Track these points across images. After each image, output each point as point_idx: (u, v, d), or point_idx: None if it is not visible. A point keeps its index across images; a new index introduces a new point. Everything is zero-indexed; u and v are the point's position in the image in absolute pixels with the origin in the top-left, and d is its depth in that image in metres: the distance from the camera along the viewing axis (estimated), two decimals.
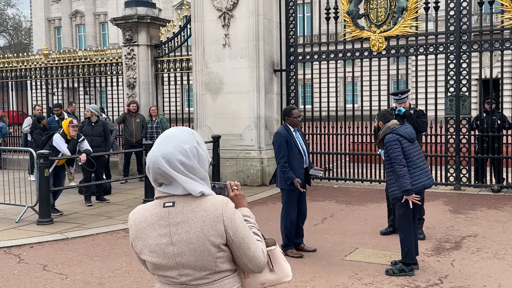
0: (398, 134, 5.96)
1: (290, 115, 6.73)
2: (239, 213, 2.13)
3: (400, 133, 5.96)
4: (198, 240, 2.04)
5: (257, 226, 2.27)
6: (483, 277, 5.75)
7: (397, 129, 6.03)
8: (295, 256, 6.65)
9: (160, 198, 2.11)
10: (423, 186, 5.92)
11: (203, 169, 2.10)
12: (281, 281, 2.30)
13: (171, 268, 2.09)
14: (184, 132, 2.11)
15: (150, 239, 2.09)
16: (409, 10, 11.47)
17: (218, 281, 2.11)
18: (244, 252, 2.09)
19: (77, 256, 6.94)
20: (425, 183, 5.93)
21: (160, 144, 2.08)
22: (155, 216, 2.09)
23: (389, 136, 5.98)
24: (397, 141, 5.91)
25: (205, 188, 2.09)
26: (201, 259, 2.06)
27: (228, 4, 12.39)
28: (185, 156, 2.05)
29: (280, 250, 2.34)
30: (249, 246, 2.10)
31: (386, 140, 5.99)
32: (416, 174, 5.86)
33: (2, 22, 64.39)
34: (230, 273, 2.14)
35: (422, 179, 5.89)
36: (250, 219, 2.25)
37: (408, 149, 5.95)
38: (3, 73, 17.71)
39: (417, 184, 5.83)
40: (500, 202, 9.88)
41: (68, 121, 9.33)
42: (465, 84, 11.12)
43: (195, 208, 2.06)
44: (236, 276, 2.17)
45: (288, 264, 2.33)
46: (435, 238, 7.41)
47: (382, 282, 5.66)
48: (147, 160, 2.08)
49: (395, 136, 5.95)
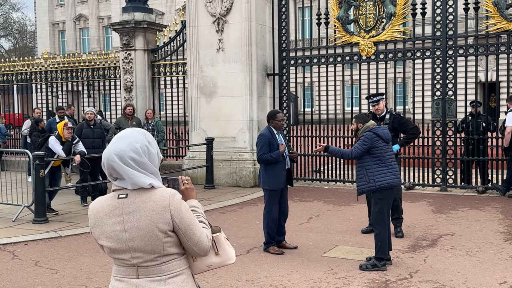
0: (375, 134, 6.32)
1: (275, 118, 7.05)
2: (185, 204, 2.44)
3: (378, 133, 6.33)
4: (148, 227, 2.36)
5: (204, 215, 2.59)
6: (452, 272, 6.04)
7: (376, 128, 6.41)
8: (276, 253, 6.96)
9: (116, 190, 2.43)
10: (389, 184, 6.27)
11: (153, 165, 2.43)
12: (225, 263, 2.63)
13: (124, 252, 2.41)
14: (137, 133, 2.44)
15: (106, 227, 2.42)
16: (397, 16, 11.78)
17: (166, 263, 2.42)
18: (190, 238, 2.41)
19: (69, 252, 7.26)
20: (392, 181, 6.28)
21: (114, 143, 2.40)
22: (111, 206, 2.42)
23: (367, 133, 6.35)
24: (371, 139, 6.28)
25: (154, 181, 2.41)
26: (150, 244, 2.37)
27: (222, 10, 12.72)
28: (136, 153, 2.36)
29: (224, 236, 2.66)
30: (195, 232, 2.42)
31: (362, 135, 6.35)
32: (384, 172, 6.23)
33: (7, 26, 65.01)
34: (177, 256, 2.45)
35: (390, 177, 6.25)
36: (198, 209, 2.58)
37: (381, 148, 6.33)
38: (8, 77, 18.10)
39: (384, 181, 6.20)
40: (483, 202, 10.16)
41: (62, 124, 9.67)
42: (451, 88, 11.41)
43: (146, 199, 2.38)
44: (183, 259, 2.49)
45: (232, 248, 2.66)
46: (413, 236, 7.71)
47: (354, 277, 5.96)
48: (103, 157, 2.40)
49: (372, 134, 6.32)
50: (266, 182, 7.06)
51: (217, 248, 2.60)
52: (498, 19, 10.96)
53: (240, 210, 10.06)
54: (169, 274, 2.42)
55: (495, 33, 11.14)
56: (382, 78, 12.21)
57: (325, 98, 12.83)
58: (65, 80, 16.88)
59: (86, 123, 11.07)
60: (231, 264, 2.67)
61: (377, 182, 6.20)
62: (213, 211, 9.88)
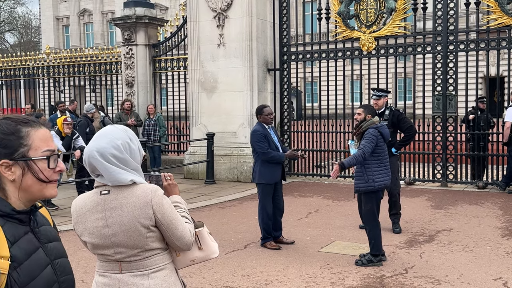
0: (379, 132, 6.32)
1: (262, 113, 7.05)
2: (167, 199, 2.46)
3: (382, 132, 6.36)
4: (130, 222, 2.38)
5: (187, 210, 2.62)
6: (447, 268, 6.05)
7: (380, 127, 6.40)
8: (273, 248, 6.98)
9: (98, 187, 2.46)
10: (385, 185, 6.33)
11: (135, 161, 2.44)
12: (209, 257, 2.66)
13: (107, 247, 2.43)
14: (118, 130, 2.46)
15: (89, 223, 2.44)
16: (398, 11, 11.75)
17: (149, 257, 2.44)
18: (172, 232, 2.43)
19: (67, 247, 7.26)
20: (387, 182, 6.39)
21: (95, 140, 2.42)
22: (93, 202, 2.44)
23: (372, 130, 6.34)
24: (377, 137, 6.27)
25: (136, 177, 2.43)
26: (133, 239, 2.39)
27: (223, 5, 12.72)
28: (118, 150, 2.38)
29: (207, 230, 2.68)
30: (177, 227, 2.44)
31: (368, 132, 6.33)
32: (382, 172, 6.25)
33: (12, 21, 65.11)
34: (160, 251, 2.47)
35: (386, 178, 6.33)
36: (181, 205, 2.60)
37: (382, 147, 6.34)
38: (12, 71, 18.17)
39: (381, 181, 6.22)
40: (482, 198, 10.14)
41: (62, 119, 9.71)
42: (452, 84, 11.38)
43: (127, 195, 2.40)
44: (166, 254, 2.51)
45: (215, 243, 2.68)
46: (410, 232, 7.71)
47: (350, 272, 5.97)
48: (84, 154, 2.42)
49: (377, 132, 6.31)
50: (262, 176, 7.05)
51: (200, 242, 2.62)
52: (499, 14, 10.91)
53: (240, 205, 10.08)
54: (152, 268, 2.44)
55: (496, 28, 11.10)
56: (383, 73, 12.19)
57: (325, 93, 12.80)
58: (68, 75, 16.93)
59: (91, 120, 11.10)
60: (214, 258, 2.70)
61: (376, 183, 6.21)
62: (212, 206, 9.91)
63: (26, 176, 1.66)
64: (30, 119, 1.73)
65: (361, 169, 6.29)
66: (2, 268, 1.54)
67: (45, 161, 1.68)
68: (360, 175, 6.31)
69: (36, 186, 1.68)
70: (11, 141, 1.65)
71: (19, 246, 1.62)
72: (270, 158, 6.93)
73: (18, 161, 1.65)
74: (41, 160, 1.67)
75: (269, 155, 6.90)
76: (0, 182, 1.65)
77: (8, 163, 1.64)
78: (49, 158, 1.68)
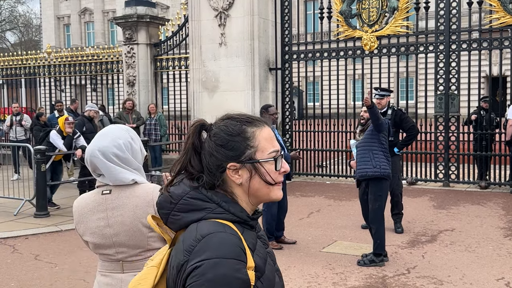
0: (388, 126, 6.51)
1: (267, 112, 7.03)
2: None
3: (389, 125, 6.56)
4: (131, 222, 2.36)
5: None
6: (449, 268, 6.02)
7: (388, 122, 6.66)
8: (275, 248, 6.94)
9: (100, 187, 2.43)
10: (388, 175, 6.42)
11: (136, 161, 2.42)
12: None
13: (109, 247, 2.41)
14: (120, 129, 2.43)
15: (91, 223, 2.42)
16: (400, 10, 11.71)
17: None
18: None
19: (69, 247, 7.28)
20: (390, 172, 6.42)
21: (97, 140, 2.40)
22: (95, 202, 2.42)
23: (384, 119, 6.59)
24: (388, 125, 6.51)
25: (137, 176, 2.41)
26: (134, 239, 2.37)
27: (224, 4, 12.69)
28: (119, 149, 2.36)
29: None
30: None
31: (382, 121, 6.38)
32: (386, 163, 6.29)
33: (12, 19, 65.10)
34: None
35: (389, 169, 6.40)
36: None
37: (387, 140, 6.44)
38: (13, 70, 18.14)
39: (387, 170, 6.31)
40: (485, 198, 10.11)
41: (64, 118, 9.69)
42: (454, 83, 11.35)
43: (129, 194, 2.37)
44: None
45: None
46: (413, 232, 7.68)
47: (352, 272, 5.95)
48: (86, 153, 2.39)
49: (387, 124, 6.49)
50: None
51: None
52: (502, 14, 10.87)
53: None
54: None
55: (499, 28, 11.06)
56: (385, 73, 12.16)
57: (327, 93, 12.76)
58: (69, 74, 16.91)
59: (87, 119, 11.06)
60: None
61: (383, 168, 6.22)
62: None
63: (253, 179, 1.55)
64: (254, 118, 1.61)
65: (369, 154, 6.30)
66: (251, 279, 1.43)
67: (272, 162, 1.56)
68: (368, 160, 6.29)
69: (263, 190, 1.57)
70: (238, 143, 1.54)
71: (258, 254, 1.52)
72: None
73: (245, 164, 1.54)
74: (268, 162, 1.56)
75: None
76: (227, 186, 1.55)
77: (236, 166, 1.53)
78: (276, 159, 1.57)
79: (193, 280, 1.38)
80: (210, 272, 1.37)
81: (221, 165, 1.53)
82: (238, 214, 1.52)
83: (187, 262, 1.41)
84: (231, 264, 1.39)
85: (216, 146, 1.53)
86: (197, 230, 1.46)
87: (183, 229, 1.52)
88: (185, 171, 1.57)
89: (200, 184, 1.53)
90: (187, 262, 1.42)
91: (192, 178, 1.55)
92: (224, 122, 1.57)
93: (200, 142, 1.56)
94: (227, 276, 1.37)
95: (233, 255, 1.40)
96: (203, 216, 1.49)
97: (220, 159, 1.53)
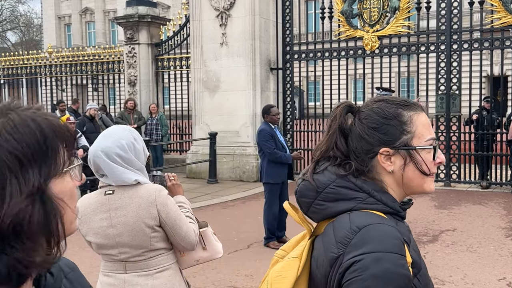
0: None
1: (269, 112, 7.03)
2: (171, 199, 2.45)
3: None
4: (134, 222, 2.36)
5: (191, 210, 2.61)
6: (451, 268, 6.02)
7: None
8: (277, 248, 6.90)
9: (103, 187, 2.44)
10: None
11: (139, 161, 2.43)
12: (213, 257, 2.66)
13: (112, 247, 2.42)
14: (123, 130, 2.44)
15: (93, 223, 2.43)
16: (401, 10, 11.71)
17: (154, 257, 2.43)
18: (177, 232, 2.42)
19: (71, 247, 7.21)
20: None
21: (100, 140, 2.40)
22: (98, 203, 2.42)
23: None
24: None
25: (140, 177, 2.41)
26: (137, 239, 2.38)
27: (226, 4, 12.69)
28: (122, 150, 2.36)
29: (211, 230, 2.66)
30: (181, 227, 2.43)
31: None
32: None
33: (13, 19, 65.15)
34: (164, 251, 2.46)
35: None
36: (185, 205, 2.58)
37: None
38: (14, 70, 18.17)
39: None
40: (486, 198, 10.11)
41: (65, 118, 9.69)
42: (456, 83, 11.35)
43: (132, 195, 2.38)
44: (171, 254, 2.50)
45: (219, 243, 2.67)
46: (414, 232, 7.66)
47: None
48: (89, 154, 2.40)
49: None
50: (270, 176, 7.04)
51: (205, 242, 2.61)
52: (503, 13, 10.87)
53: (243, 205, 10.07)
54: (157, 268, 2.43)
55: (500, 28, 11.06)
56: (386, 73, 12.15)
57: (328, 93, 12.77)
58: (70, 74, 16.93)
59: (88, 118, 11.07)
60: (218, 258, 2.69)
61: None
62: (215, 206, 9.88)
63: (407, 167, 1.41)
64: (410, 101, 1.48)
65: None
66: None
67: (429, 151, 1.42)
68: None
69: (417, 180, 1.43)
70: (393, 127, 1.41)
71: (413, 248, 1.38)
72: (276, 159, 6.92)
73: (399, 150, 1.41)
74: (424, 150, 1.42)
75: (276, 155, 6.89)
76: (375, 173, 1.42)
77: (389, 151, 1.40)
78: (435, 148, 1.44)
79: (354, 275, 1.26)
80: (374, 267, 1.25)
81: (372, 149, 1.42)
82: (390, 205, 1.40)
83: (343, 255, 1.30)
84: (395, 259, 1.27)
85: (368, 129, 1.42)
86: (350, 221, 1.35)
87: (326, 219, 1.42)
88: (327, 156, 1.45)
89: (349, 172, 1.41)
90: (343, 255, 1.30)
91: (337, 164, 1.43)
92: (378, 104, 1.46)
93: (346, 124, 1.46)
94: (391, 272, 1.25)
95: (395, 249, 1.28)
96: (353, 206, 1.38)
97: (372, 143, 1.42)
